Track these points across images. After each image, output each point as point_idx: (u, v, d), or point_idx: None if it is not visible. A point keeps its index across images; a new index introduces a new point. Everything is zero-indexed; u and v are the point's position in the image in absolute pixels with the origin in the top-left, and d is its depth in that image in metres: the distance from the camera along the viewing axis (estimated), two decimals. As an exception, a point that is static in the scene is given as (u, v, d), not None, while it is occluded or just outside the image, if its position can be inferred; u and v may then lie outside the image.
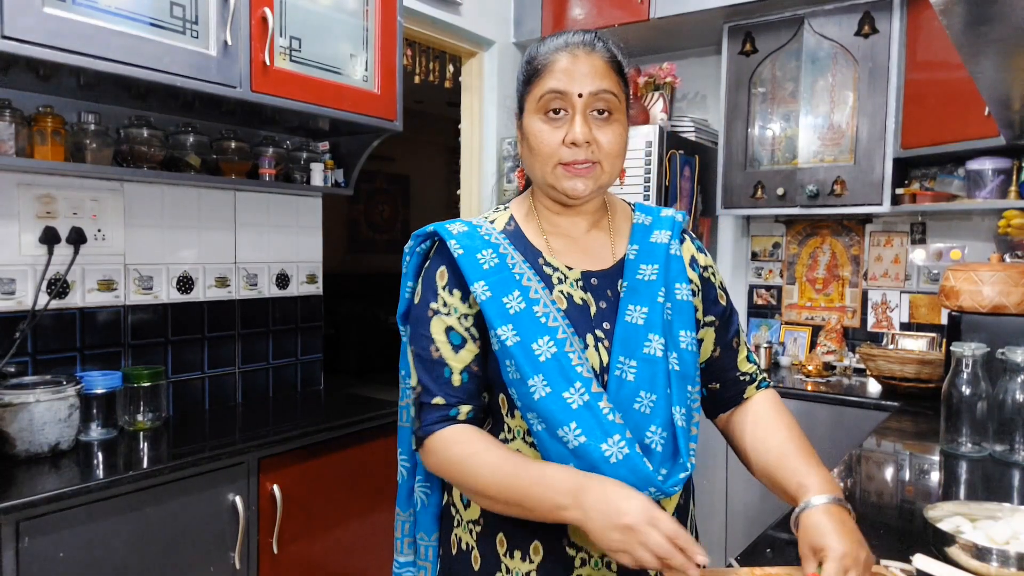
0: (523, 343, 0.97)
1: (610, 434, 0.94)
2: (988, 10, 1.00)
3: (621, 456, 0.93)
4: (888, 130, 2.69)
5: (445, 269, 1.04)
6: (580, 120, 1.00)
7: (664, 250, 1.09)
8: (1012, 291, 1.96)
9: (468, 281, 1.00)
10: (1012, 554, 0.95)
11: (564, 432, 0.94)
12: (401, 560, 1.18)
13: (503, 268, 1.01)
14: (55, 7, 1.49)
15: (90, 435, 1.81)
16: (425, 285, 1.05)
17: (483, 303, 0.99)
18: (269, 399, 2.40)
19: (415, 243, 1.10)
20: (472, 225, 1.07)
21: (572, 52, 1.01)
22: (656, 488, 0.94)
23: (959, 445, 1.68)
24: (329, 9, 2.06)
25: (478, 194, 3.35)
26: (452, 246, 1.02)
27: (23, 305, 1.84)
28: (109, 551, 1.53)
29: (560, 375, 0.96)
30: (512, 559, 1.02)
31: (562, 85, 1.00)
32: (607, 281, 1.07)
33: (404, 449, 1.16)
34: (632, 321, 1.02)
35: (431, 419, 1.01)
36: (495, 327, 0.98)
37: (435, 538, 1.14)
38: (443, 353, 1.01)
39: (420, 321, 1.04)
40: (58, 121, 1.74)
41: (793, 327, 3.26)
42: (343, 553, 2.10)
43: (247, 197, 2.35)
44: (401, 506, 1.17)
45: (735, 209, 3.02)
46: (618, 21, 3.05)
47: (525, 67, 1.07)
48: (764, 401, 1.13)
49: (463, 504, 1.08)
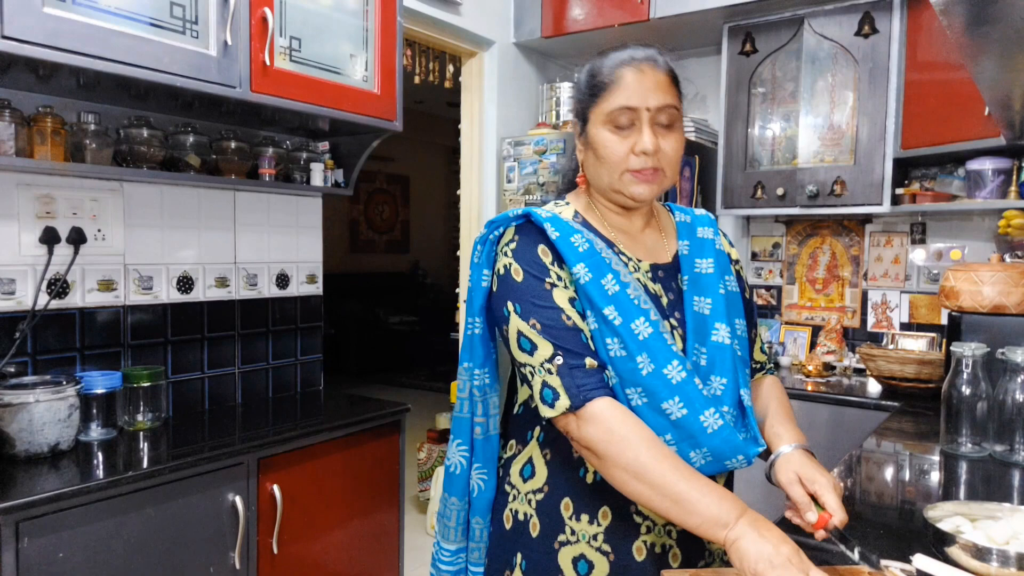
0: (625, 323, 1.03)
1: (707, 407, 1.02)
2: (988, 10, 1.00)
3: (717, 427, 1.02)
4: (888, 130, 2.69)
5: (545, 247, 1.08)
6: (648, 131, 1.07)
7: (712, 245, 1.20)
8: (1012, 291, 1.96)
9: (568, 263, 1.05)
10: (1012, 554, 0.95)
11: (668, 406, 1.01)
12: (452, 548, 1.22)
13: (594, 252, 1.07)
14: (55, 7, 1.49)
15: (90, 435, 1.81)
16: (527, 261, 1.07)
17: (585, 285, 1.04)
18: (269, 399, 2.40)
19: (490, 230, 1.14)
20: (553, 213, 1.12)
21: (638, 68, 1.08)
22: (744, 456, 1.04)
23: (959, 445, 1.68)
24: (329, 9, 2.06)
25: (478, 194, 3.35)
26: (548, 229, 1.07)
27: (23, 305, 1.84)
28: (109, 551, 1.53)
29: (660, 353, 1.02)
30: (579, 522, 1.09)
31: (632, 101, 1.07)
32: (669, 274, 1.16)
33: (464, 439, 1.20)
34: (699, 311, 1.12)
35: (590, 383, 1.01)
36: (601, 307, 1.03)
37: (488, 520, 1.20)
38: (575, 321, 1.04)
39: (537, 294, 1.05)
40: (58, 121, 1.74)
41: (793, 327, 3.26)
42: (343, 553, 2.10)
43: (247, 197, 2.35)
44: (457, 494, 1.21)
45: (735, 209, 3.02)
46: (618, 21, 3.05)
47: (589, 80, 1.12)
48: (764, 384, 1.25)
49: (523, 478, 1.15)
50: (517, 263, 1.08)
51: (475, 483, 1.19)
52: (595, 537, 1.08)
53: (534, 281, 1.06)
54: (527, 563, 1.12)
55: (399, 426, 2.28)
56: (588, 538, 1.09)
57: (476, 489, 1.19)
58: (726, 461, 1.04)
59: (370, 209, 8.36)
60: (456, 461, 1.20)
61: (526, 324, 1.05)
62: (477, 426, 1.19)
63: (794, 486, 1.04)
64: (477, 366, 1.17)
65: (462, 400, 1.20)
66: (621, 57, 1.10)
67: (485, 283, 1.13)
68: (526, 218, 1.11)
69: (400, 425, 2.28)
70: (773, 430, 1.15)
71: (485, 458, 1.19)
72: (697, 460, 1.03)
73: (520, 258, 1.08)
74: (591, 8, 3.12)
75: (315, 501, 1.99)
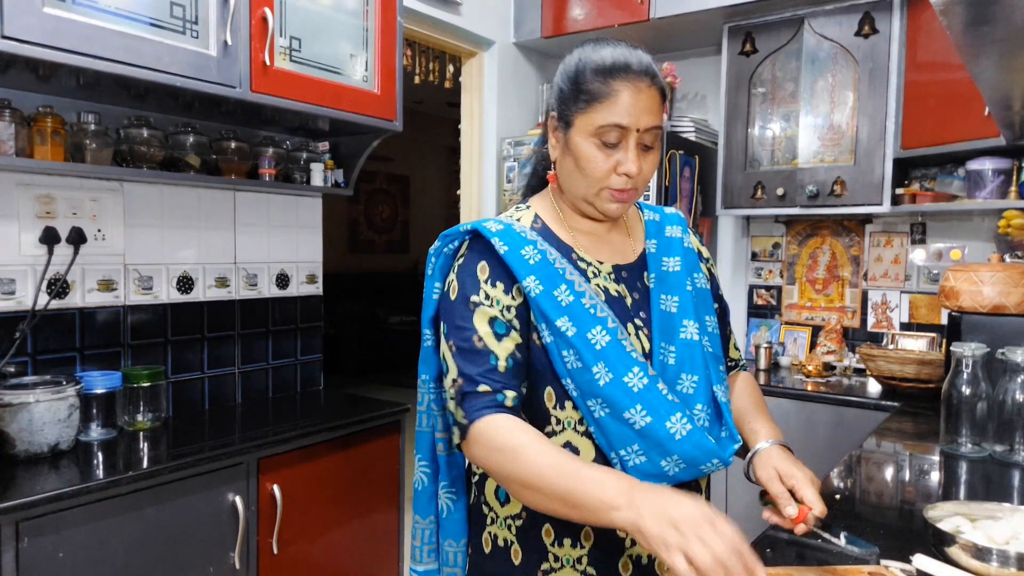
0: (579, 333, 1.00)
1: (672, 413, 1.00)
2: (988, 10, 1.00)
3: (685, 432, 0.99)
4: (888, 130, 2.69)
5: (486, 264, 1.05)
6: (634, 154, 1.04)
7: (680, 243, 1.18)
8: (1012, 291, 1.96)
9: (518, 276, 1.03)
10: (1012, 554, 0.95)
11: (631, 415, 0.99)
12: (420, 569, 1.18)
13: (546, 264, 1.04)
14: (55, 7, 1.49)
15: (90, 435, 1.81)
16: (462, 280, 1.05)
17: (536, 297, 1.02)
18: (269, 399, 2.40)
19: (443, 243, 1.12)
20: (505, 224, 1.08)
21: (635, 85, 1.03)
22: (719, 459, 1.02)
23: (959, 445, 1.68)
24: (329, 9, 2.06)
25: (478, 194, 3.35)
26: (496, 243, 1.04)
27: (23, 305, 1.84)
28: (109, 551, 1.53)
29: (619, 361, 1.00)
30: (561, 547, 1.05)
31: (623, 120, 1.03)
32: (635, 273, 1.14)
33: (424, 454, 1.17)
34: (666, 309, 1.10)
35: (477, 405, 0.98)
36: (553, 319, 1.01)
37: (463, 543, 1.14)
38: (487, 343, 1.01)
39: (459, 314, 1.03)
40: (58, 121, 1.74)
41: (793, 327, 3.26)
42: (343, 553, 2.09)
43: (247, 197, 2.35)
44: (420, 512, 1.17)
45: (735, 209, 3.02)
46: (618, 21, 3.05)
47: (575, 83, 1.06)
48: (737, 378, 1.27)
49: (499, 501, 1.09)
50: (457, 280, 1.06)
51: (443, 503, 1.15)
52: (579, 560, 1.05)
53: (462, 300, 1.04)
54: None
55: (399, 426, 2.28)
56: (572, 562, 1.05)
57: (445, 510, 1.14)
58: (701, 466, 1.02)
59: (370, 209, 8.36)
60: (419, 477, 1.17)
61: (447, 345, 1.04)
62: (439, 442, 1.15)
63: (773, 482, 1.04)
64: (432, 379, 1.14)
65: (421, 413, 1.17)
66: (616, 62, 1.03)
67: (436, 295, 1.11)
68: (474, 232, 1.08)
69: (400, 425, 2.28)
70: (750, 427, 1.15)
71: (451, 476, 1.14)
72: (670, 468, 1.00)
73: (461, 274, 1.06)
74: (591, 8, 3.12)
75: (315, 501, 1.99)
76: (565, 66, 1.09)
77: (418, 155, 8.66)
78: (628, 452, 1.00)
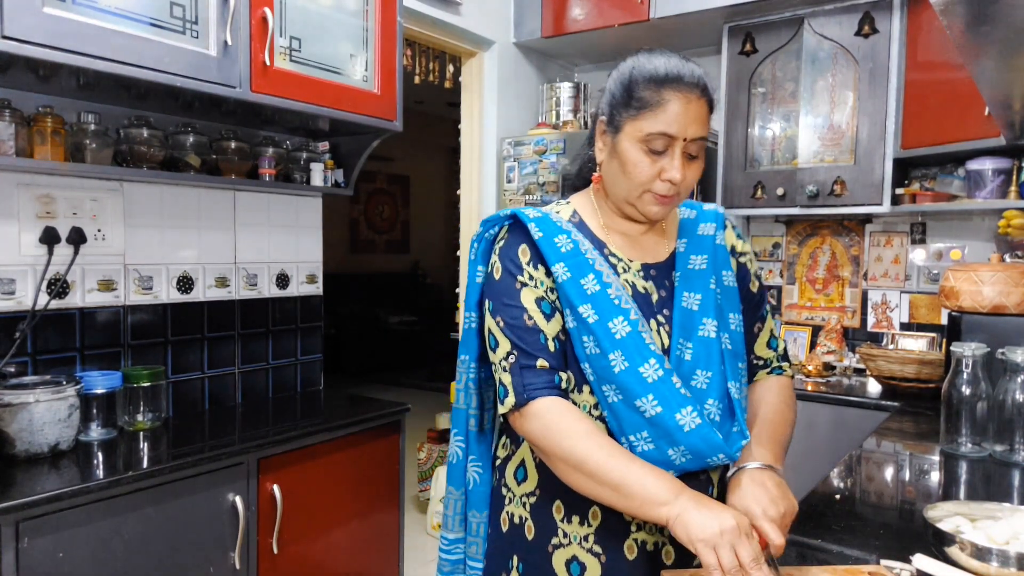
0: (601, 321, 1.04)
1: (683, 405, 1.03)
2: (988, 10, 1.00)
3: (694, 425, 1.02)
4: (888, 130, 2.69)
5: (526, 247, 1.11)
6: (680, 162, 1.07)
7: (711, 241, 1.20)
8: (1012, 291, 1.96)
9: (548, 262, 1.08)
10: (1012, 554, 0.95)
11: (642, 403, 1.03)
12: (451, 537, 1.25)
13: (577, 253, 1.09)
14: (55, 7, 1.49)
15: (90, 435, 1.81)
16: (506, 262, 1.11)
17: (563, 283, 1.07)
18: (269, 399, 2.40)
19: (484, 228, 1.18)
20: (543, 213, 1.14)
21: (686, 96, 1.06)
22: (724, 454, 1.04)
23: (959, 445, 1.68)
24: (329, 9, 2.06)
25: (478, 194, 3.35)
26: (532, 229, 1.10)
27: (23, 305, 1.84)
28: (109, 551, 1.53)
29: (636, 351, 1.04)
30: (570, 524, 1.11)
31: (671, 129, 1.05)
32: (664, 272, 1.17)
33: (460, 430, 1.24)
34: (688, 307, 1.13)
35: (537, 383, 1.05)
36: (576, 305, 1.06)
37: (485, 515, 1.22)
38: (537, 321, 1.07)
39: (507, 293, 1.09)
40: (58, 121, 1.74)
41: (793, 327, 3.26)
42: (343, 553, 2.10)
43: (247, 197, 2.35)
44: (455, 484, 1.24)
45: (735, 209, 3.02)
46: (618, 21, 3.05)
47: (627, 89, 1.09)
48: (765, 385, 1.24)
49: (517, 481, 1.17)
50: (500, 261, 1.12)
51: (471, 475, 1.22)
52: (586, 538, 1.10)
53: (508, 280, 1.10)
54: (524, 566, 1.14)
55: (399, 426, 2.28)
56: (579, 539, 1.10)
57: (472, 482, 1.22)
58: (707, 459, 1.05)
59: (370, 209, 8.36)
60: (454, 451, 1.24)
61: (494, 321, 1.10)
62: (471, 418, 1.22)
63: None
64: (473, 359, 1.21)
65: (459, 392, 1.24)
66: (669, 72, 1.06)
67: (479, 279, 1.17)
68: (514, 218, 1.14)
69: (400, 425, 2.28)
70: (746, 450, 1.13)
71: (479, 452, 1.23)
72: (677, 457, 1.04)
73: (503, 256, 1.12)
74: (591, 8, 3.12)
75: (315, 501, 1.99)
76: (619, 72, 1.12)
77: (418, 155, 8.66)
78: (637, 438, 1.04)
